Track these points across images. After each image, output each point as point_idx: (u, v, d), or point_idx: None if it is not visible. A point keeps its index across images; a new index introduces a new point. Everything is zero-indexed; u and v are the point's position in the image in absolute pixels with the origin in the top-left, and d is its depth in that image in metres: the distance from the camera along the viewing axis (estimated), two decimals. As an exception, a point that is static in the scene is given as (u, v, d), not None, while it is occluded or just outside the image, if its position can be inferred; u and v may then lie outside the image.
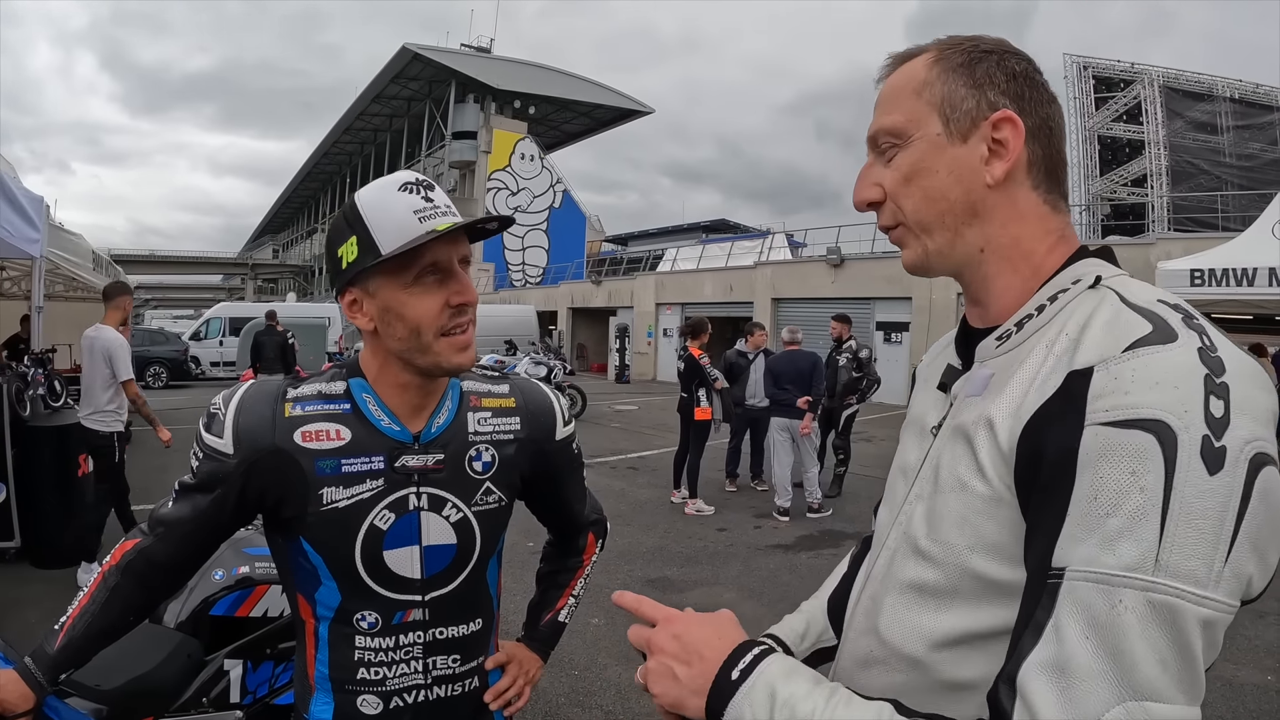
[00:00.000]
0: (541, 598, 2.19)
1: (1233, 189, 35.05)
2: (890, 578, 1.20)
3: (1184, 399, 0.86)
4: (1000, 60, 1.16)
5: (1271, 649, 6.08)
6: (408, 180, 1.59)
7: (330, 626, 1.73)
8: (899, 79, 1.21)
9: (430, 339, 1.60)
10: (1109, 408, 0.89)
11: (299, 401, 1.66)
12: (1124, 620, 0.83)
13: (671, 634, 1.13)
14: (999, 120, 1.12)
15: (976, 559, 1.04)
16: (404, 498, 1.69)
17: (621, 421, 20.39)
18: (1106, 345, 0.94)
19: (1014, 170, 1.13)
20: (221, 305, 39.50)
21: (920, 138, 1.16)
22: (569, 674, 5.43)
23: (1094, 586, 0.85)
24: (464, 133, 67.35)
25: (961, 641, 1.07)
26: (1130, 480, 0.85)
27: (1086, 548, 0.86)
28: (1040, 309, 1.11)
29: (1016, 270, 1.16)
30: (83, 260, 10.25)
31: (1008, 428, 1.01)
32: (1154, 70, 39.83)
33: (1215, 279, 16.17)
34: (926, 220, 1.18)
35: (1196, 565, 0.83)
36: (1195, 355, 0.89)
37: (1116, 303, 1.01)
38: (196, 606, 2.66)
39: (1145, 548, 0.84)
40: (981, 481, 1.04)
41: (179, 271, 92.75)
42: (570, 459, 2.01)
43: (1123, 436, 0.87)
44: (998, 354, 1.14)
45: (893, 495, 1.31)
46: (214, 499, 1.64)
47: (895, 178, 1.19)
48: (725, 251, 37.62)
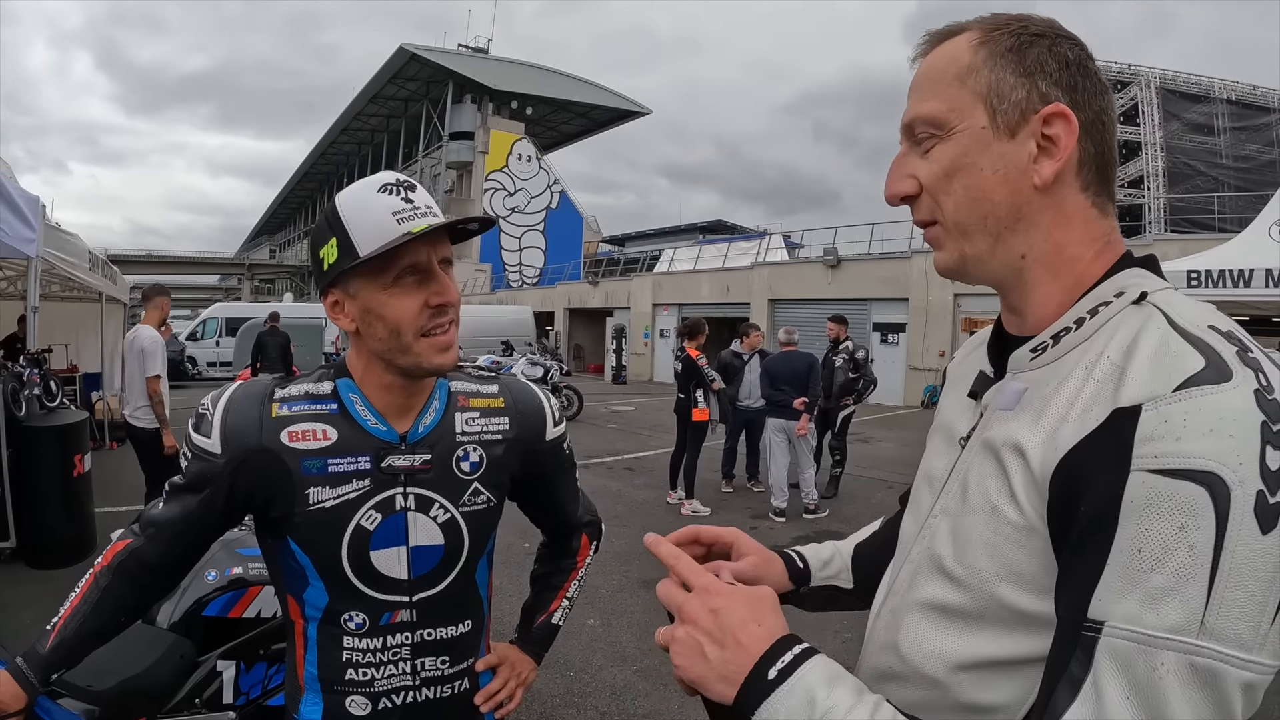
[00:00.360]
0: (535, 599, 2.18)
1: (1229, 190, 35.10)
2: (912, 594, 1.15)
3: (1239, 449, 0.81)
4: (1052, 45, 1.06)
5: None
6: (388, 181, 1.59)
7: (319, 627, 1.73)
8: (939, 60, 1.11)
9: (410, 339, 1.60)
10: (1158, 454, 0.83)
11: (286, 402, 1.66)
12: (1166, 684, 0.79)
13: (709, 607, 1.02)
14: (1051, 115, 1.03)
15: (1005, 588, 1.00)
16: (390, 498, 1.69)
17: (618, 422, 20.39)
18: (1156, 381, 0.87)
19: (1064, 171, 1.05)
20: (218, 305, 39.54)
21: (963, 129, 1.07)
22: (564, 675, 5.43)
23: (1135, 647, 0.81)
24: (461, 133, 67.47)
25: (985, 666, 1.03)
26: (1179, 536, 0.81)
27: (1128, 604, 0.82)
28: (1079, 322, 1.04)
29: (1059, 279, 1.08)
30: (79, 260, 10.21)
31: (1041, 455, 0.96)
32: (1151, 72, 39.89)
33: (1212, 280, 16.18)
34: (966, 222, 1.09)
35: (1243, 629, 0.79)
36: (1252, 399, 0.83)
37: (1164, 326, 0.94)
38: (189, 607, 2.65)
39: (1191, 610, 0.79)
40: (1014, 509, 0.99)
41: (176, 272, 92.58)
42: (561, 460, 2.00)
43: (1172, 487, 0.81)
44: (1032, 367, 1.08)
45: (918, 504, 1.25)
46: (203, 499, 1.64)
47: (934, 171, 1.09)
48: (722, 252, 37.63)
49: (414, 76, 67.81)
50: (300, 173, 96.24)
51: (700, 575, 1.07)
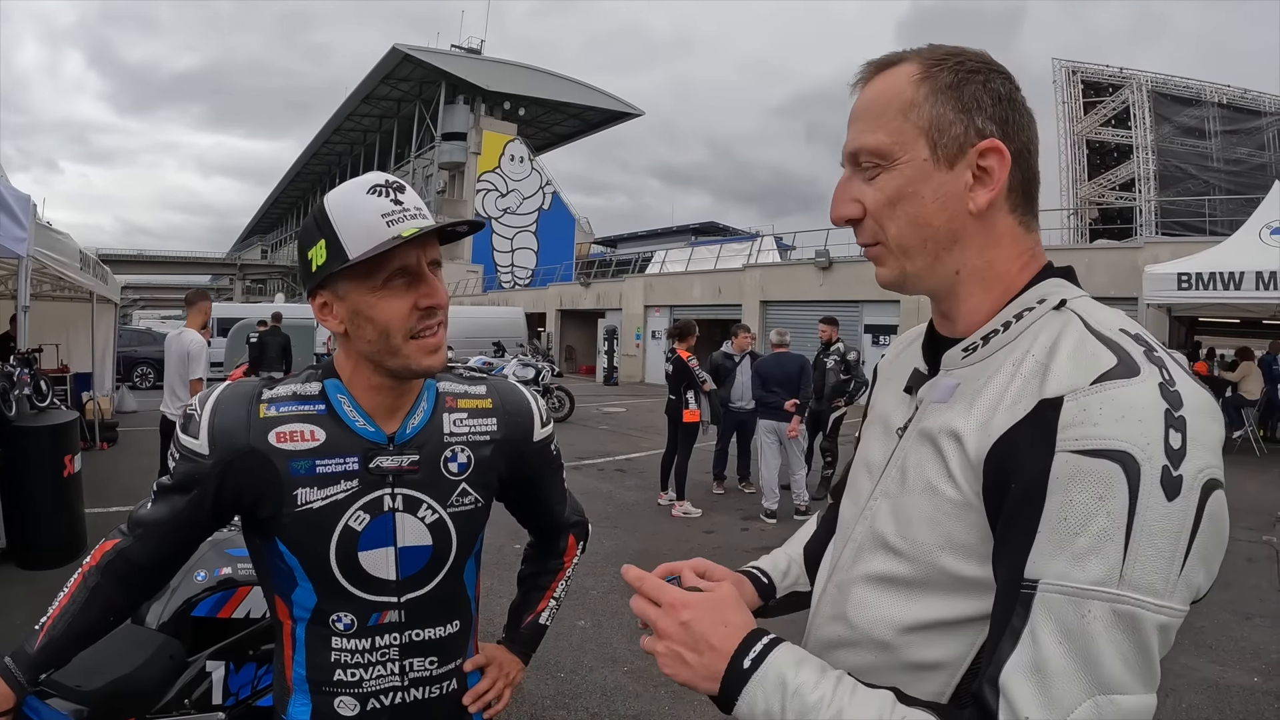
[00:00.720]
0: (523, 600, 2.18)
1: (1220, 193, 35.22)
2: (856, 569, 1.26)
3: (1146, 432, 0.94)
4: (986, 81, 1.17)
5: (1258, 650, 6.12)
6: (377, 182, 1.59)
7: (307, 628, 1.72)
8: (882, 93, 1.20)
9: (399, 341, 1.60)
10: (1078, 437, 0.96)
11: (274, 402, 1.66)
12: (1092, 628, 0.92)
13: (679, 620, 1.15)
14: (986, 149, 1.14)
15: (946, 557, 1.11)
16: (379, 499, 1.69)
17: (609, 423, 20.40)
18: (1075, 376, 1.00)
19: (996, 198, 1.16)
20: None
21: (907, 161, 1.16)
22: (554, 676, 5.43)
23: (1065, 599, 0.94)
24: (454, 134, 67.53)
25: (929, 627, 1.14)
26: (1098, 504, 0.93)
27: (1058, 563, 0.95)
28: (1006, 325, 1.16)
29: (989, 290, 1.20)
30: (70, 260, 10.19)
31: (976, 441, 1.08)
32: (1142, 75, 40.07)
33: (1202, 282, 16.27)
34: (909, 244, 1.19)
35: (1155, 579, 0.92)
36: (1157, 390, 0.96)
37: (1081, 329, 1.08)
38: (179, 607, 2.65)
39: (1110, 565, 0.92)
40: (952, 487, 1.11)
41: (167, 271, 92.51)
42: (549, 460, 2.00)
43: (1091, 464, 0.94)
44: (963, 365, 1.20)
45: (856, 490, 1.36)
46: (191, 500, 1.64)
47: (879, 199, 1.19)
48: (714, 254, 37.65)
49: (407, 77, 67.78)
50: (292, 173, 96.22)
51: (665, 591, 1.19)
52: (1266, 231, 16.56)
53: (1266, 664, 5.88)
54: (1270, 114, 39.08)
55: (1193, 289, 16.36)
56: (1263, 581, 7.83)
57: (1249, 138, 39.02)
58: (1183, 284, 16.47)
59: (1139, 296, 18.09)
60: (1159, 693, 0.96)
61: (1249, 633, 6.48)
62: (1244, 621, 6.72)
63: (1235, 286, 15.89)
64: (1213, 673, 5.65)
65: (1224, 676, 5.60)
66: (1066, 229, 37.66)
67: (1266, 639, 6.37)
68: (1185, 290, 16.46)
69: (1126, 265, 20.75)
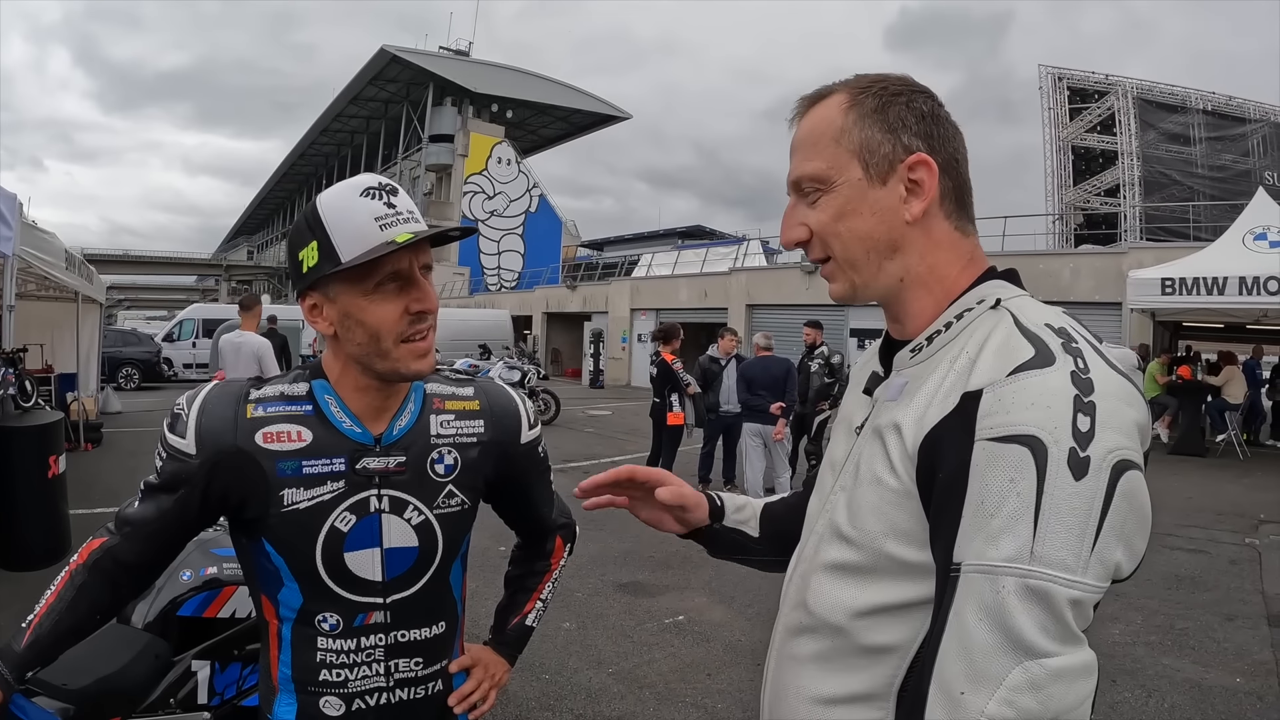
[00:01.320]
0: (509, 601, 2.17)
1: (1204, 199, 35.35)
2: (816, 559, 1.33)
3: (1054, 417, 1.00)
4: (909, 102, 1.27)
5: (1241, 651, 6.15)
6: (370, 185, 1.59)
7: (293, 628, 1.73)
8: (816, 124, 1.31)
9: (389, 345, 1.60)
10: (993, 425, 1.03)
11: (261, 403, 1.67)
12: (1008, 602, 0.97)
13: None
14: (914, 163, 1.24)
15: (890, 543, 1.18)
16: (365, 500, 1.69)
17: (595, 426, 20.39)
18: (995, 369, 1.08)
19: (929, 206, 1.25)
20: (195, 307, 39.27)
21: (843, 182, 1.26)
22: (539, 678, 5.43)
23: (982, 577, 1.00)
24: (441, 136, 67.31)
25: (878, 611, 1.20)
26: (1009, 486, 1.00)
27: (975, 544, 1.01)
28: (948, 325, 1.24)
29: (931, 293, 1.28)
30: (55, 259, 10.16)
31: (912, 434, 1.16)
32: (1128, 82, 40.20)
33: (1186, 288, 16.37)
34: (854, 257, 1.29)
35: (1065, 555, 0.97)
36: (1068, 378, 1.03)
37: (1010, 325, 1.14)
38: (164, 607, 2.64)
39: (1021, 542, 0.98)
40: (893, 477, 1.18)
41: (153, 272, 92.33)
42: (536, 462, 2.00)
43: (1003, 450, 1.01)
44: (911, 364, 1.28)
45: (821, 486, 1.43)
46: (178, 499, 1.65)
47: (822, 219, 1.29)
48: (700, 257, 37.54)
49: (394, 78, 67.60)
50: (279, 173, 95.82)
51: None
52: (1250, 237, 16.65)
53: (1249, 665, 5.91)
54: (1255, 121, 39.28)
55: (1176, 294, 16.45)
56: (1245, 584, 7.90)
57: (1233, 144, 39.19)
58: (1166, 289, 16.55)
59: (1123, 301, 18.22)
60: (1140, 693, 1.00)
61: (1231, 634, 6.52)
62: (1227, 623, 6.77)
63: (1219, 292, 15.98)
64: (1195, 674, 5.68)
65: (1206, 677, 5.63)
66: (1051, 234, 37.73)
67: (1249, 640, 6.41)
68: (1169, 295, 16.54)
69: (1111, 270, 20.87)
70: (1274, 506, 11.70)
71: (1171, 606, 7.10)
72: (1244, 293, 15.67)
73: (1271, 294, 15.38)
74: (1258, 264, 15.74)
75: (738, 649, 5.84)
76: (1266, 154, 38.95)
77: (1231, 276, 15.77)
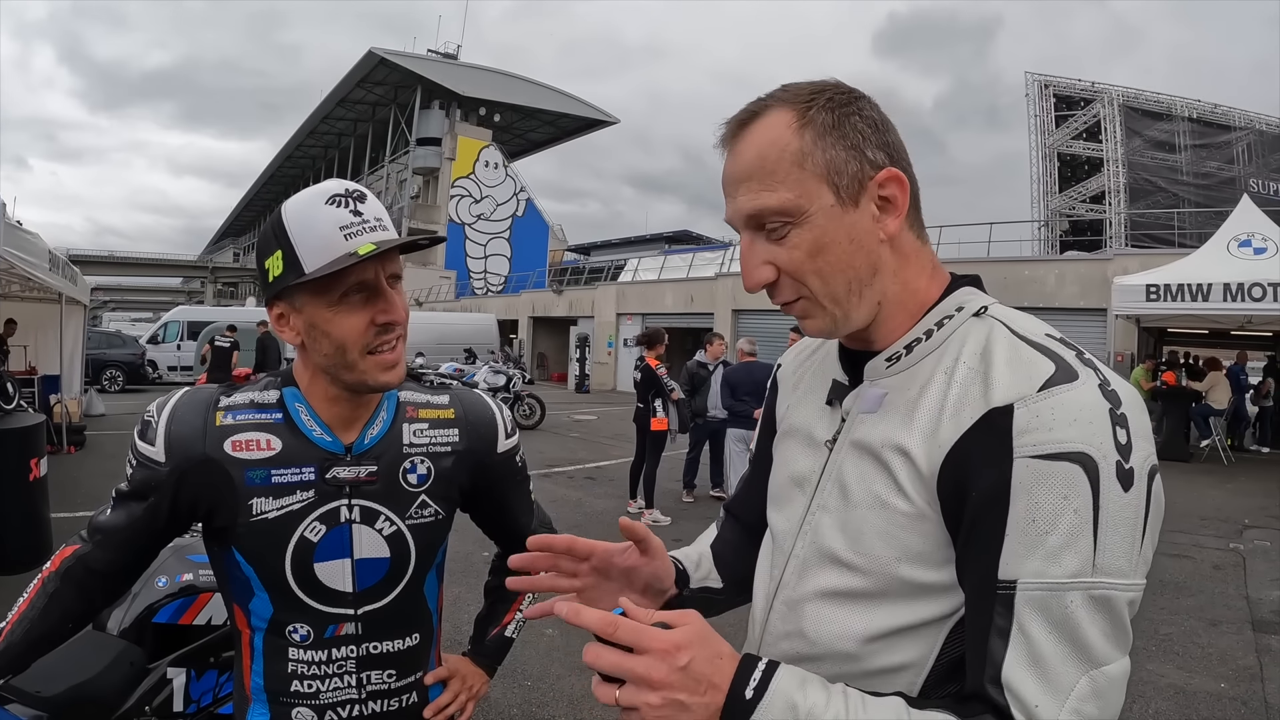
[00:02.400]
0: (489, 612, 2.14)
1: (1189, 206, 35.50)
2: (804, 586, 1.27)
3: (1098, 432, 1.00)
4: (860, 112, 1.19)
5: (1224, 657, 6.17)
6: (336, 192, 1.55)
7: (264, 637, 1.71)
8: (763, 149, 1.17)
9: (355, 357, 1.58)
10: (1036, 442, 1.01)
11: (230, 410, 1.65)
12: (1077, 615, 0.99)
13: (677, 665, 1.00)
14: (885, 179, 1.17)
15: (904, 567, 1.14)
16: (335, 510, 1.67)
17: (580, 431, 20.39)
18: (1020, 383, 1.06)
19: (903, 221, 1.20)
20: (180, 309, 39.24)
21: (816, 212, 1.15)
22: (521, 685, 5.41)
23: (1047, 594, 1.00)
24: (428, 139, 67.36)
25: (892, 634, 1.16)
26: (1064, 504, 0.99)
27: (1033, 562, 1.00)
28: (929, 334, 1.21)
29: (904, 307, 1.23)
30: (39, 260, 10.12)
31: (926, 454, 1.11)
32: (1114, 90, 40.33)
33: (1171, 294, 16.48)
34: (836, 292, 1.19)
35: (1123, 563, 1.00)
36: (1098, 391, 1.03)
37: (1009, 336, 1.13)
38: (140, 613, 2.61)
39: (1084, 558, 0.99)
40: (904, 501, 1.14)
41: (138, 274, 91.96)
42: (513, 472, 1.97)
43: (1052, 468, 1.00)
44: (889, 374, 1.23)
45: (789, 504, 1.35)
46: (148, 507, 1.63)
47: (795, 256, 1.18)
48: (687, 262, 37.53)
49: (382, 81, 67.55)
50: (266, 175, 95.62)
51: (652, 638, 1.01)
52: (1235, 244, 16.76)
53: (1234, 670, 5.93)
54: (1239, 129, 39.45)
55: (1161, 300, 16.55)
56: (1230, 589, 7.93)
57: (1218, 152, 39.34)
58: (1151, 295, 16.65)
59: (1108, 308, 18.30)
60: (1125, 701, 1.03)
61: (1216, 639, 6.55)
62: (1211, 628, 6.79)
63: (1203, 298, 16.09)
64: (1180, 679, 5.71)
65: (1191, 683, 5.65)
66: (1037, 240, 37.89)
67: (1233, 645, 6.43)
68: (1154, 301, 16.64)
69: (1096, 277, 20.96)
70: (1258, 511, 11.79)
71: (1156, 612, 7.11)
72: (1228, 299, 15.78)
73: (1256, 300, 15.51)
74: (1242, 270, 15.89)
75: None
76: (1251, 161, 39.12)
77: (1216, 283, 15.88)
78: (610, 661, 1.02)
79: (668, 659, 1.00)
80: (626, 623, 1.03)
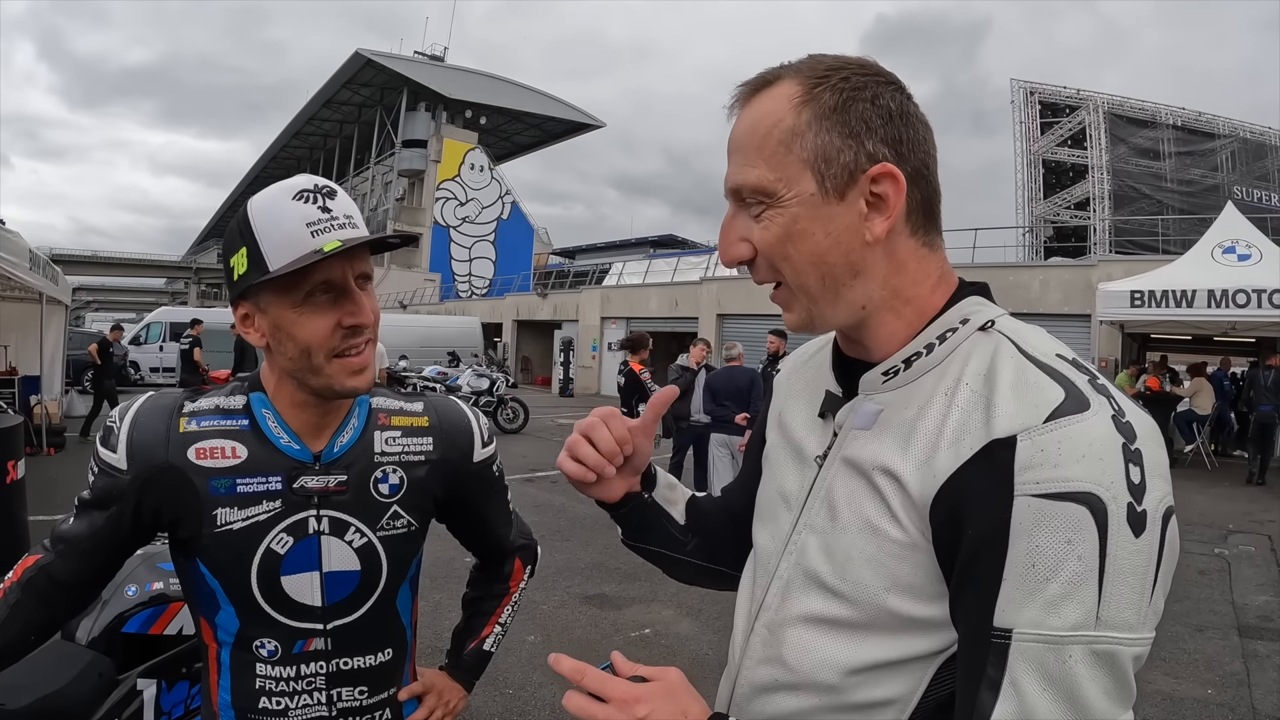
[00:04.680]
0: (466, 624, 2.09)
1: (1173, 213, 35.78)
2: (787, 609, 1.20)
3: (1108, 470, 0.92)
4: (875, 97, 1.09)
5: (1211, 663, 6.18)
6: (304, 187, 1.50)
7: (231, 652, 1.66)
8: (761, 120, 1.12)
9: (321, 360, 1.52)
10: (1039, 480, 0.93)
11: (195, 416, 1.59)
12: (1075, 671, 0.91)
13: (634, 718, 1.04)
14: (879, 174, 1.07)
15: (893, 599, 1.07)
16: (303, 521, 1.62)
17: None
18: (1025, 413, 0.97)
19: (894, 224, 1.09)
20: (162, 310, 39.06)
21: (793, 197, 1.09)
22: (503, 693, 5.36)
23: (1044, 646, 0.92)
24: (414, 141, 67.53)
25: (877, 668, 1.09)
26: (1067, 549, 0.91)
27: (1030, 611, 0.93)
28: (929, 348, 1.11)
29: (900, 316, 1.15)
30: (19, 259, 10.06)
31: (920, 482, 1.04)
32: (1099, 97, 40.66)
33: (1155, 300, 16.62)
34: (808, 285, 1.13)
35: (1129, 616, 0.92)
36: (1111, 424, 0.94)
37: (1016, 356, 1.04)
38: (109, 623, 2.56)
39: (1087, 609, 0.91)
40: (896, 528, 1.06)
41: (122, 273, 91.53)
42: (490, 482, 1.92)
43: (1056, 509, 0.91)
44: (885, 389, 1.14)
45: (774, 521, 1.29)
46: (110, 516, 1.57)
47: (768, 239, 1.12)
48: (671, 267, 37.68)
49: (369, 82, 67.64)
50: (251, 175, 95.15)
51: (613, 687, 1.07)
52: (1218, 251, 16.90)
53: (1220, 676, 5.94)
54: (1223, 136, 39.80)
55: (1145, 306, 16.67)
56: (1215, 594, 7.95)
57: (1202, 159, 39.69)
58: (1135, 301, 16.76)
59: (1092, 314, 18.39)
60: None
61: (1202, 645, 6.56)
62: (1197, 634, 6.80)
63: (1187, 304, 16.21)
64: (1166, 685, 5.71)
65: (1178, 689, 5.66)
66: (1022, 246, 38.16)
67: (1220, 651, 6.44)
68: (1138, 308, 16.76)
69: (1080, 283, 21.08)
70: (1241, 517, 11.88)
71: (1141, 619, 7.07)
72: (1212, 305, 15.89)
73: (1240, 306, 15.64)
74: (1226, 277, 16.02)
75: (705, 663, 5.78)
76: (1235, 169, 39.50)
77: (1200, 289, 16.00)
78: (576, 705, 1.07)
79: (626, 709, 1.05)
80: (594, 672, 1.09)
